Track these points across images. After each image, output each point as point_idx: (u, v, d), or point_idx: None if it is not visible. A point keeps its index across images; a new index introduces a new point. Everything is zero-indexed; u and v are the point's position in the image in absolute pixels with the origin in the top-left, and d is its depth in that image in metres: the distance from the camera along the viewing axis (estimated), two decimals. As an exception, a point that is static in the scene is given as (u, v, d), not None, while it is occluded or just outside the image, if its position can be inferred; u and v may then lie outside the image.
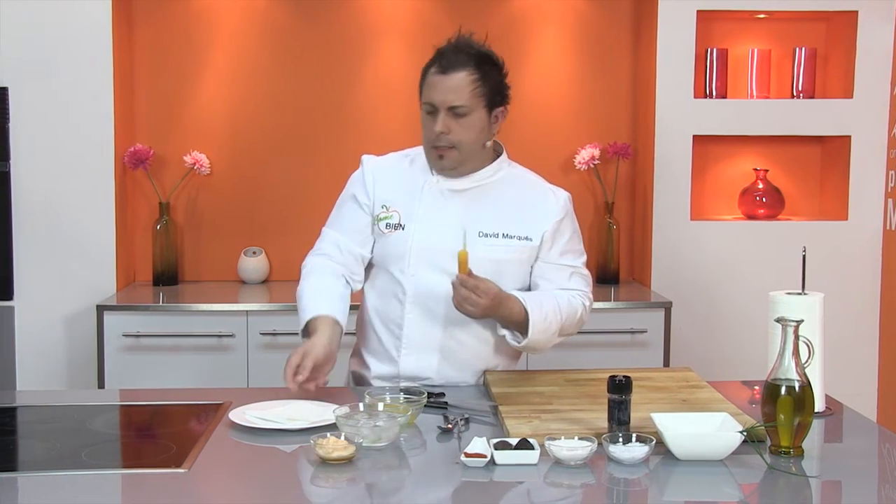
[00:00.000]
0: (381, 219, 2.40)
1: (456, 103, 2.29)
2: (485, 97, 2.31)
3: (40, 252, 3.70)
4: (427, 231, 2.36)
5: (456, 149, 2.32)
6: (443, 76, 2.29)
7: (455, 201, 2.37)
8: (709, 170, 4.08)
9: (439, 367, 2.39)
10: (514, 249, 2.36)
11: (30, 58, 3.65)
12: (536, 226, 2.38)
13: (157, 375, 3.49)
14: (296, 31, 4.03)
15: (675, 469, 1.85)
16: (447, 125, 2.30)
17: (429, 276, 2.35)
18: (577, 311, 2.43)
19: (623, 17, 4.11)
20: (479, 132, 2.33)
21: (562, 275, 2.42)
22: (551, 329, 2.35)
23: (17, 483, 1.83)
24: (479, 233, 2.34)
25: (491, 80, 2.33)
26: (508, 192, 2.40)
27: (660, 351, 3.65)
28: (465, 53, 2.31)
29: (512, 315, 2.31)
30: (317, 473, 1.82)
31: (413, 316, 2.37)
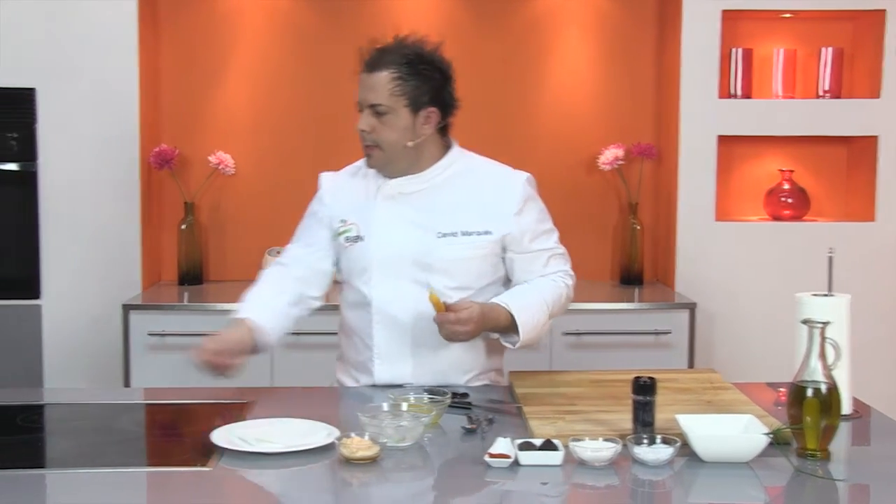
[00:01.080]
0: (341, 233, 2.41)
1: (374, 101, 2.29)
2: (406, 96, 2.29)
3: (67, 251, 3.72)
4: (386, 240, 2.35)
5: (379, 148, 2.32)
6: (367, 75, 2.31)
7: (409, 204, 2.35)
8: (734, 170, 4.05)
9: (414, 374, 2.38)
10: (475, 246, 2.34)
11: (57, 59, 3.68)
12: (496, 219, 2.35)
13: (181, 374, 3.48)
14: (320, 31, 4.04)
15: (699, 471, 1.84)
16: (369, 124, 2.30)
17: (392, 284, 2.35)
18: (561, 294, 2.43)
19: (647, 17, 4.10)
20: (402, 132, 2.30)
21: (538, 262, 2.41)
22: (540, 323, 2.34)
23: (44, 480, 1.85)
24: (438, 233, 2.33)
25: (416, 80, 2.29)
26: (463, 186, 2.37)
27: (684, 352, 3.63)
28: (394, 53, 2.30)
29: (500, 323, 2.31)
30: (341, 473, 1.83)
31: (381, 326, 2.37)
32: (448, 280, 2.33)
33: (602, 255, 4.17)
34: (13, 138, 3.66)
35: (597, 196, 4.16)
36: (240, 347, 2.29)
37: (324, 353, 2.95)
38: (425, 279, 2.32)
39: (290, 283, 2.45)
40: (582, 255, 4.16)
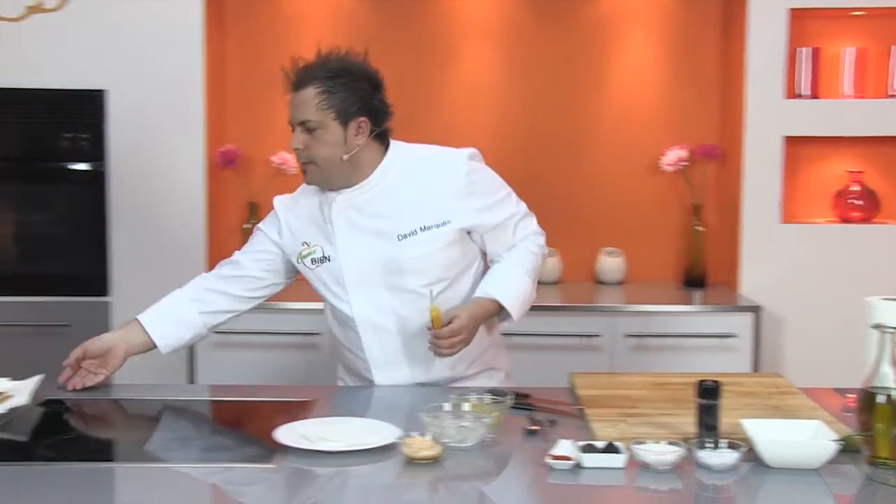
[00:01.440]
0: (305, 255, 2.40)
1: (303, 118, 2.28)
2: (333, 109, 2.27)
3: (135, 249, 3.79)
4: (352, 256, 2.34)
5: (315, 164, 2.31)
6: (294, 94, 2.31)
7: (363, 215, 2.34)
8: (800, 171, 3.98)
9: (412, 375, 2.39)
10: (438, 238, 2.32)
11: (126, 61, 3.75)
12: (450, 207, 2.32)
13: (245, 372, 3.55)
14: (382, 32, 4.06)
15: (765, 477, 1.81)
16: (302, 141, 2.30)
17: (369, 294, 2.35)
18: (538, 258, 2.45)
19: (712, 16, 4.05)
20: (334, 146, 2.29)
21: (506, 233, 2.41)
22: (528, 295, 2.40)
23: (112, 474, 1.88)
24: (399, 236, 2.31)
25: (343, 92, 2.28)
26: (410, 183, 2.34)
27: (748, 356, 3.58)
28: (318, 69, 2.30)
29: (491, 314, 2.35)
30: (403, 472, 1.83)
31: (369, 337, 2.38)
32: (421, 278, 2.32)
33: (665, 257, 4.13)
34: (84, 139, 3.75)
35: (659, 197, 4.12)
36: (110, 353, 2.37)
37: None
38: (398, 283, 2.33)
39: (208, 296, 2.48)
40: (644, 257, 4.16)
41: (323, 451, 1.90)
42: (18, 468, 1.85)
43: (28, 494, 1.73)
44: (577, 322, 3.59)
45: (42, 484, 1.77)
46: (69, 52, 3.73)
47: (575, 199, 4.14)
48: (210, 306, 2.47)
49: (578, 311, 3.62)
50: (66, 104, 3.73)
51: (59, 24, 3.73)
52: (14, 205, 3.84)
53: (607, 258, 4.08)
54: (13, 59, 3.72)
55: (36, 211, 3.84)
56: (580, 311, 3.62)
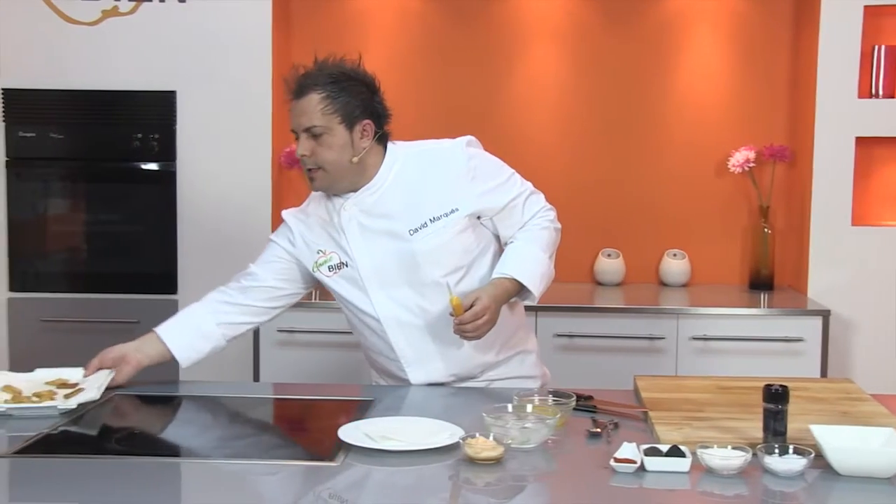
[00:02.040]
0: (321, 263, 2.41)
1: (308, 124, 2.28)
2: (338, 114, 2.28)
3: (202, 248, 3.85)
4: (367, 256, 2.35)
5: (322, 169, 2.30)
6: (295, 101, 2.30)
7: (373, 215, 2.35)
8: (873, 173, 3.89)
9: (446, 367, 2.40)
10: (449, 226, 2.32)
11: (196, 63, 3.81)
12: (455, 194, 2.33)
13: (309, 370, 3.59)
14: (448, 32, 4.07)
15: (835, 485, 1.77)
16: (308, 147, 2.29)
17: (390, 294, 2.36)
18: (551, 233, 2.45)
19: (783, 15, 3.98)
20: (342, 150, 2.29)
21: (515, 213, 2.41)
22: (545, 271, 2.39)
23: (179, 468, 1.92)
24: (410, 231, 2.32)
25: (345, 96, 2.29)
26: (413, 177, 2.35)
27: (816, 361, 3.52)
28: (317, 75, 2.30)
29: (511, 293, 2.35)
30: (465, 473, 1.83)
31: (397, 336, 2.38)
32: (438, 269, 2.33)
33: (731, 258, 4.08)
34: (154, 139, 3.82)
35: (726, 199, 4.07)
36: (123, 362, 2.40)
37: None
38: (417, 278, 2.33)
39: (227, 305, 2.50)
40: (710, 259, 4.10)
41: (385, 449, 1.90)
42: (88, 461, 1.89)
43: (99, 487, 1.76)
44: (641, 324, 3.56)
45: (110, 477, 1.81)
46: (141, 55, 3.81)
47: (639, 201, 4.11)
48: (228, 318, 2.49)
49: (642, 313, 3.58)
50: (138, 105, 3.81)
51: (131, 28, 3.81)
52: (86, 204, 3.93)
53: (671, 260, 4.04)
54: (88, 62, 3.81)
55: (107, 210, 3.93)
56: (644, 312, 3.59)
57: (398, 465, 1.87)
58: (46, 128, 3.83)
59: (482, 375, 2.44)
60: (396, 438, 1.93)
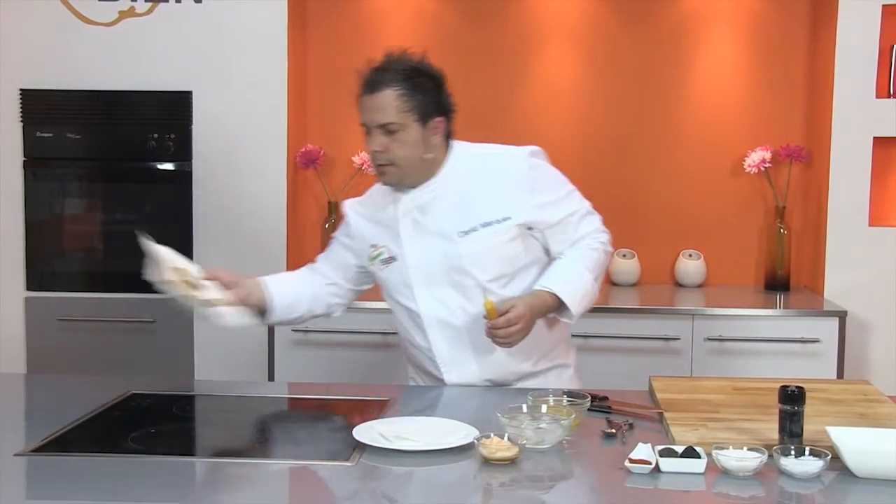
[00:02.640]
0: (374, 257, 2.43)
1: (384, 121, 2.27)
2: (414, 111, 2.28)
3: (218, 248, 3.86)
4: (418, 253, 2.36)
5: (395, 165, 2.31)
6: (369, 96, 2.29)
7: (428, 214, 2.36)
8: (891, 173, 3.87)
9: (481, 371, 2.39)
10: (498, 233, 2.32)
11: (212, 63, 3.82)
12: (511, 203, 2.32)
13: (323, 370, 3.59)
14: (464, 32, 4.07)
15: (852, 487, 1.76)
16: (381, 143, 2.29)
17: (434, 292, 2.37)
18: (600, 255, 2.43)
19: (799, 14, 3.97)
20: (415, 146, 2.30)
21: (568, 230, 2.39)
22: (588, 291, 2.38)
23: (194, 467, 1.92)
24: (459, 232, 2.32)
25: (420, 93, 2.29)
26: (471, 179, 2.35)
27: (832, 362, 3.50)
28: (391, 70, 2.29)
29: (550, 307, 2.33)
30: (480, 473, 1.83)
31: (436, 335, 2.38)
32: (482, 273, 2.33)
33: (747, 259, 4.06)
34: (170, 139, 3.83)
35: (741, 199, 4.05)
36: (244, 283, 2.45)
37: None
38: (461, 280, 2.34)
39: (318, 284, 2.56)
40: (726, 259, 4.09)
41: (400, 449, 1.91)
42: (104, 459, 1.90)
43: (116, 485, 1.77)
44: (657, 325, 3.55)
45: (126, 476, 1.82)
46: (157, 55, 3.82)
47: (655, 201, 4.10)
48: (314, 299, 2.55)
49: (658, 314, 3.57)
50: (154, 105, 3.83)
51: (148, 29, 3.82)
52: (103, 204, 3.95)
53: (687, 260, 4.02)
54: (105, 63, 3.83)
55: (123, 210, 3.95)
56: (659, 313, 3.58)
57: (413, 466, 1.87)
58: (63, 128, 3.85)
59: (517, 384, 2.43)
60: (411, 438, 1.94)
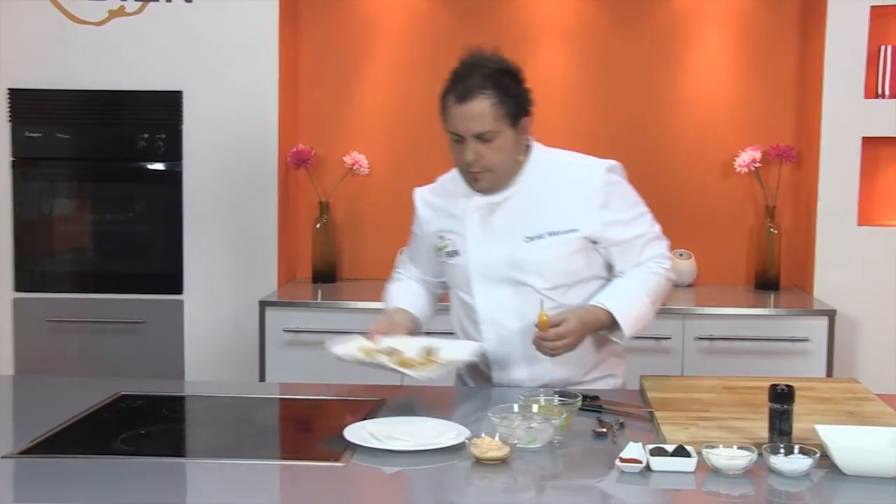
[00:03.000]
0: (440, 248, 2.45)
1: (480, 130, 2.26)
2: (509, 116, 2.27)
3: (208, 248, 3.86)
4: (481, 251, 2.36)
5: (490, 171, 2.30)
6: (462, 105, 2.26)
7: (497, 214, 2.36)
8: (879, 173, 3.89)
9: (530, 375, 2.39)
10: (563, 244, 2.32)
11: (202, 63, 3.82)
12: (581, 215, 2.32)
13: (314, 370, 3.57)
14: (456, 32, 4.06)
15: (840, 485, 1.77)
16: (476, 152, 2.27)
17: (493, 292, 2.37)
18: (661, 281, 2.40)
19: (790, 15, 3.98)
20: (510, 151, 2.30)
21: (632, 251, 2.38)
22: (643, 314, 2.35)
23: (185, 469, 1.92)
24: (525, 237, 2.32)
25: (510, 96, 2.28)
26: (546, 186, 2.35)
27: (822, 361, 3.51)
28: (479, 75, 2.27)
29: (604, 324, 2.32)
30: (470, 473, 1.84)
31: (490, 334, 2.39)
32: (541, 281, 2.33)
33: (737, 258, 4.07)
34: (160, 139, 3.83)
35: (732, 199, 4.06)
36: (403, 327, 2.42)
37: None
38: (520, 285, 2.34)
39: (417, 285, 2.59)
40: (716, 259, 4.10)
41: (391, 450, 1.91)
42: (94, 461, 1.89)
43: (105, 487, 1.77)
44: (647, 324, 3.55)
45: (116, 477, 1.81)
46: (147, 55, 3.82)
47: (646, 200, 4.08)
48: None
49: (648, 314, 3.57)
50: (144, 105, 3.82)
51: (138, 28, 3.81)
52: (92, 204, 3.94)
53: (678, 260, 4.03)
54: (94, 62, 3.82)
55: (113, 210, 3.94)
56: (650, 313, 3.57)
57: (404, 466, 1.87)
58: (53, 128, 3.84)
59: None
60: (402, 438, 1.94)
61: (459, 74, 2.30)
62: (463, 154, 2.28)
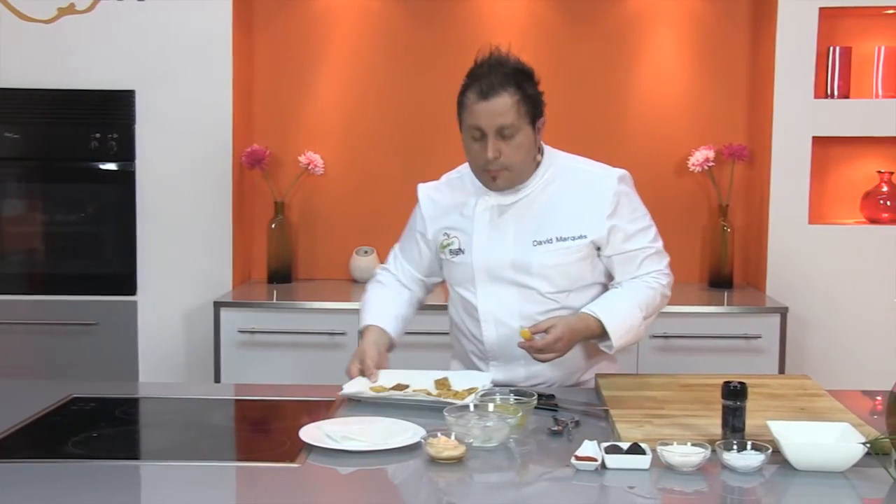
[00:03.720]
0: (444, 246, 2.45)
1: (504, 124, 2.27)
2: (529, 114, 2.30)
3: (162, 249, 3.82)
4: (487, 251, 2.37)
5: (508, 170, 2.31)
6: (485, 102, 2.27)
7: (507, 215, 2.38)
8: (829, 172, 3.95)
9: (527, 375, 2.41)
10: (571, 251, 2.35)
11: (154, 61, 3.78)
12: (589, 221, 2.34)
13: (270, 371, 3.57)
14: (410, 32, 4.06)
15: (792, 480, 1.80)
16: (497, 149, 2.29)
17: (496, 291, 2.38)
18: (656, 295, 2.40)
19: (741, 16, 4.02)
20: (529, 149, 2.33)
21: (632, 263, 2.39)
22: (635, 327, 2.34)
23: (139, 471, 1.90)
24: (534, 241, 2.34)
25: (530, 95, 2.31)
26: (556, 191, 2.37)
27: (775, 358, 3.55)
28: (501, 73, 2.29)
29: (594, 333, 2.32)
30: (426, 472, 1.84)
31: (490, 332, 2.40)
32: (546, 285, 2.35)
33: (691, 257, 4.11)
34: (113, 138, 3.78)
35: (686, 198, 4.10)
36: (384, 351, 2.44)
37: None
38: (525, 284, 2.35)
39: (402, 288, 2.58)
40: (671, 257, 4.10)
41: (347, 450, 1.90)
42: (44, 465, 1.87)
43: (57, 492, 1.74)
44: (603, 323, 3.57)
45: (67, 481, 1.79)
46: (99, 53, 3.77)
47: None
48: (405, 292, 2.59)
49: (604, 312, 3.59)
50: (96, 104, 3.77)
51: (89, 26, 3.76)
52: (43, 204, 3.88)
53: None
54: (43, 60, 3.76)
55: (65, 210, 3.89)
56: (606, 311, 3.60)
57: (360, 466, 1.87)
58: (2, 127, 3.78)
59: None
60: (358, 438, 1.93)
61: (480, 72, 2.31)
62: (483, 151, 2.29)
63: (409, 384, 2.31)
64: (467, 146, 2.34)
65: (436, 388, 2.29)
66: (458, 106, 2.35)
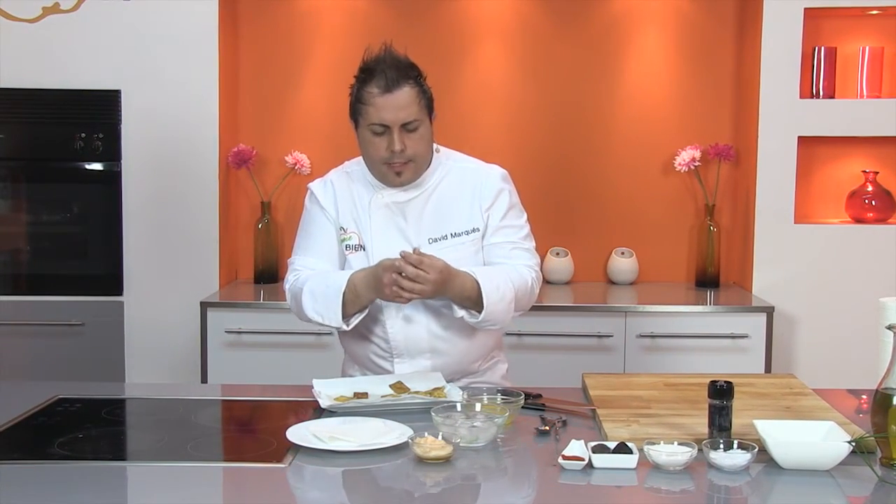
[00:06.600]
0: (343, 240, 2.44)
1: (408, 119, 2.30)
2: (427, 108, 2.35)
3: (148, 249, 3.81)
4: (385, 247, 2.36)
5: (413, 162, 2.34)
6: (389, 95, 2.30)
7: (401, 213, 2.39)
8: (815, 172, 3.97)
9: (433, 366, 2.41)
10: (466, 245, 2.38)
11: (141, 61, 3.76)
12: (476, 215, 2.40)
13: (257, 371, 3.56)
14: (396, 32, 4.00)
15: (778, 478, 1.80)
16: (403, 142, 2.31)
17: None
18: (528, 281, 2.40)
19: (727, 17, 4.04)
20: (430, 141, 2.38)
21: (501, 251, 2.41)
22: (506, 299, 2.32)
23: (125, 472, 1.89)
24: (429, 239, 2.36)
25: (425, 90, 2.36)
26: (447, 188, 2.41)
27: (761, 357, 3.57)
28: (399, 68, 2.32)
29: (465, 290, 2.28)
30: (414, 472, 1.84)
31: (396, 328, 2.39)
32: None
33: (678, 257, 4.12)
34: (98, 138, 3.76)
35: (672, 197, 4.11)
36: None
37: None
38: None
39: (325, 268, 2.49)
40: (657, 257, 4.15)
41: (334, 450, 1.90)
42: (29, 467, 1.86)
43: (42, 493, 1.74)
44: (589, 322, 3.58)
45: (56, 482, 1.78)
46: (84, 53, 3.75)
47: (587, 200, 4.14)
48: None
49: (590, 312, 3.61)
50: (81, 104, 3.75)
51: (74, 25, 3.75)
52: (28, 205, 3.86)
53: (619, 258, 4.07)
54: (29, 60, 3.74)
55: (50, 211, 3.87)
56: (592, 311, 3.61)
57: (347, 466, 1.87)
58: (-14, 127, 3.76)
59: (461, 380, 2.44)
60: (345, 439, 1.93)
61: (378, 67, 2.33)
62: (389, 144, 2.31)
63: (366, 392, 2.27)
64: (367, 141, 2.36)
65: (395, 392, 2.25)
66: (354, 102, 2.38)
